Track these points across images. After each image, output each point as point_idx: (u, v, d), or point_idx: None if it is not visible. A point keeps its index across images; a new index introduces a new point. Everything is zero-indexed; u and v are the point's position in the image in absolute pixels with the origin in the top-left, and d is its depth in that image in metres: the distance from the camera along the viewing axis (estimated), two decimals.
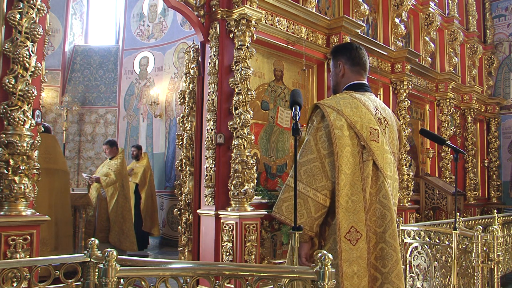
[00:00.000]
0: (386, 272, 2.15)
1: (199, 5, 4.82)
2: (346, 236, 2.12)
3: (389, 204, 2.18)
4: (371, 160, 2.18)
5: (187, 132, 5.09)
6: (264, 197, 5.03)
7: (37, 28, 3.06)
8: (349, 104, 2.23)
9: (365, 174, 2.17)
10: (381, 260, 2.16)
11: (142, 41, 9.58)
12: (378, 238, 2.17)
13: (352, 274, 2.10)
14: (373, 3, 7.36)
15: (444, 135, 8.40)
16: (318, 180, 2.12)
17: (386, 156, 2.24)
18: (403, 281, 2.20)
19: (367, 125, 2.21)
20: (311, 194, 2.11)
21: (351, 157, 2.15)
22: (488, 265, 3.54)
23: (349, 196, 2.14)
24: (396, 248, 2.17)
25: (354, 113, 2.20)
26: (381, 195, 2.19)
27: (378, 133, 2.24)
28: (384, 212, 2.17)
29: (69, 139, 9.60)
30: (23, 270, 2.42)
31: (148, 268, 2.06)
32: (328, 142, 2.15)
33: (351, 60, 2.40)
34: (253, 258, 4.47)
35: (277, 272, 1.88)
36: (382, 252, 2.16)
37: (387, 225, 2.17)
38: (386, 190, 2.19)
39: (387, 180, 2.21)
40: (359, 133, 2.17)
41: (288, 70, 5.70)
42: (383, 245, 2.17)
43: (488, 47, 10.75)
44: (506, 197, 10.35)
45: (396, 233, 2.20)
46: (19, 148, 2.92)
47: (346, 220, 2.12)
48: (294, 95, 2.05)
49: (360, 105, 2.24)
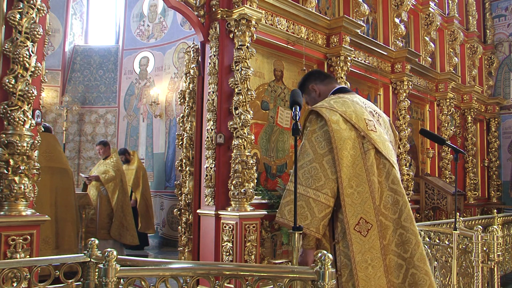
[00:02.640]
0: (408, 257, 2.16)
1: (199, 5, 4.82)
2: (355, 228, 2.13)
3: (400, 189, 2.21)
4: (372, 149, 2.21)
5: (187, 132, 5.09)
6: (264, 197, 5.03)
7: (37, 28, 3.06)
8: (339, 102, 2.30)
9: (369, 163, 2.19)
10: (401, 246, 2.17)
11: (142, 41, 9.58)
12: (395, 224, 2.18)
13: (366, 265, 2.11)
14: (373, 3, 7.36)
15: (444, 135, 8.40)
16: (317, 180, 2.13)
17: (386, 144, 2.29)
18: (427, 263, 2.20)
19: (362, 117, 2.26)
20: (312, 194, 2.11)
21: (352, 149, 2.17)
22: (488, 265, 3.54)
23: (354, 188, 2.15)
24: (414, 231, 2.19)
25: (347, 108, 2.26)
26: (390, 181, 2.21)
27: (374, 124, 2.29)
28: (396, 198, 2.20)
29: (69, 139, 9.60)
30: (23, 270, 2.42)
31: (148, 268, 2.06)
32: (324, 142, 2.17)
33: (319, 79, 2.55)
34: (253, 258, 4.47)
35: (277, 272, 1.88)
36: (401, 238, 2.18)
37: (401, 210, 2.19)
38: (394, 175, 2.22)
39: (394, 166, 2.24)
40: (357, 125, 2.21)
41: (288, 70, 5.69)
42: (401, 230, 2.18)
43: (488, 47, 10.75)
44: (506, 197, 10.35)
45: (412, 216, 2.22)
46: (19, 148, 2.92)
47: (354, 212, 2.14)
48: (294, 95, 2.07)
49: (349, 102, 2.32)
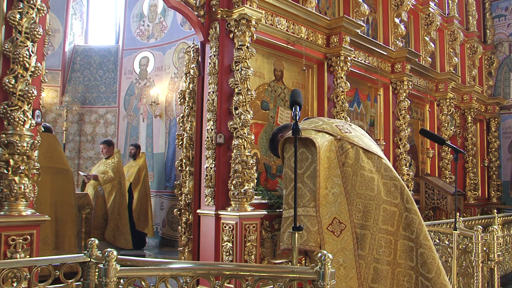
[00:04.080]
0: (415, 237, 2.23)
1: (199, 5, 4.82)
2: (328, 228, 2.17)
3: (394, 174, 2.30)
4: (352, 147, 2.29)
5: (187, 132, 5.09)
6: (264, 197, 5.03)
7: (37, 28, 3.06)
8: (309, 121, 2.50)
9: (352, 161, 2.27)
10: (407, 228, 2.25)
11: (142, 41, 9.57)
12: (398, 208, 2.26)
13: (338, 265, 2.12)
14: (373, 3, 7.36)
15: (444, 135, 8.39)
16: (303, 197, 2.24)
17: (366, 140, 2.39)
18: (431, 241, 2.28)
19: (332, 124, 2.41)
20: (302, 211, 2.20)
21: (328, 151, 2.27)
22: (488, 265, 3.54)
23: (329, 189, 2.23)
24: (416, 211, 2.28)
25: (318, 123, 2.43)
26: (383, 170, 2.29)
27: (347, 127, 2.41)
28: (394, 183, 2.28)
29: (69, 139, 9.60)
30: (23, 270, 2.42)
31: (148, 268, 2.06)
32: (303, 162, 2.29)
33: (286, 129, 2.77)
34: (253, 258, 4.47)
35: (277, 272, 1.88)
36: (406, 220, 2.25)
37: (401, 193, 2.27)
38: (385, 164, 2.32)
39: (381, 157, 2.33)
40: (330, 131, 2.33)
41: (288, 70, 5.69)
42: (406, 213, 2.26)
43: (488, 47, 10.75)
44: (506, 197, 10.35)
45: (411, 197, 2.31)
46: (19, 148, 2.92)
47: (328, 212, 2.18)
48: (294, 95, 2.08)
49: (315, 119, 2.52)
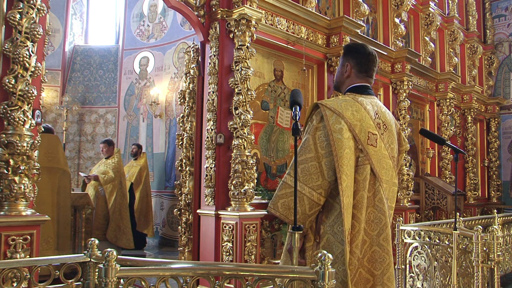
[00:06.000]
0: (378, 274, 2.18)
1: (199, 5, 4.82)
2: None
3: (384, 208, 2.22)
4: (368, 164, 2.20)
5: (187, 132, 5.09)
6: (264, 197, 5.03)
7: (37, 28, 3.06)
8: (350, 106, 2.22)
9: (362, 177, 2.19)
10: (373, 263, 2.19)
11: (142, 41, 9.58)
12: (371, 240, 2.20)
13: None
14: (373, 3, 7.36)
15: (444, 135, 8.39)
16: (315, 179, 2.14)
17: (383, 161, 2.27)
18: (394, 283, 2.24)
19: (366, 129, 2.22)
20: (307, 192, 2.13)
21: (351, 159, 2.17)
22: (488, 265, 3.54)
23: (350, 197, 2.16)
24: (389, 251, 2.21)
25: (354, 116, 2.20)
26: (376, 200, 2.22)
27: (376, 138, 2.25)
28: (379, 216, 2.21)
29: (69, 139, 9.60)
30: (23, 270, 2.42)
31: (148, 268, 2.06)
32: (326, 142, 2.16)
33: (359, 66, 2.38)
34: (253, 258, 4.47)
35: (277, 272, 1.88)
36: (375, 255, 2.19)
37: (382, 229, 2.20)
38: (382, 194, 2.23)
39: (382, 185, 2.24)
40: (357, 137, 2.19)
41: (288, 70, 5.69)
42: (377, 248, 2.19)
43: (488, 47, 10.75)
44: (506, 197, 10.35)
45: (390, 237, 2.24)
46: (19, 148, 2.92)
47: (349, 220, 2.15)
48: (294, 95, 2.07)
49: (362, 109, 2.24)
